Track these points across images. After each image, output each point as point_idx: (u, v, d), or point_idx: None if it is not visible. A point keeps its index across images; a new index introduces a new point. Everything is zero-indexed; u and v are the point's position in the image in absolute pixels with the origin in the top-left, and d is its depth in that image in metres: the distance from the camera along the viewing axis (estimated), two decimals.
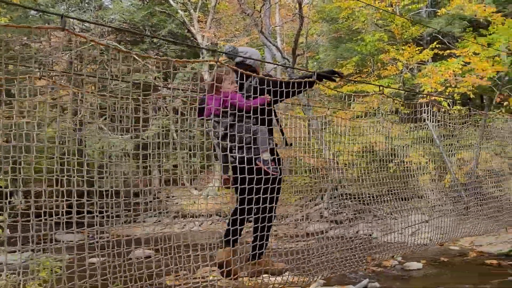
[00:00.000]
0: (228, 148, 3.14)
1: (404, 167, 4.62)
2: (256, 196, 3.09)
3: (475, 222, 5.20)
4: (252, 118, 3.14)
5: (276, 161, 3.26)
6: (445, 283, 8.72)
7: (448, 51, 15.14)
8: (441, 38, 18.00)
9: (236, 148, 3.11)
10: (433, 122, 4.94)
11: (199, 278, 3.29)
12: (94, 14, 18.75)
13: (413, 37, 16.89)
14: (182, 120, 3.29)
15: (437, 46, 15.26)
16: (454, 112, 5.74)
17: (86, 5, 19.28)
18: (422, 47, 16.60)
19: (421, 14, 18.81)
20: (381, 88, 3.91)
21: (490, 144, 6.34)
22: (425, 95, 11.17)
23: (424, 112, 4.69)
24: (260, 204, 3.12)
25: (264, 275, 3.29)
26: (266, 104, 3.22)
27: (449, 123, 5.10)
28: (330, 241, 3.90)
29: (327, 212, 12.47)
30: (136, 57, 3.23)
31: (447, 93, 13.29)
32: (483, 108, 16.47)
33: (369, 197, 4.39)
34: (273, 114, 3.42)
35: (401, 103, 4.05)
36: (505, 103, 14.48)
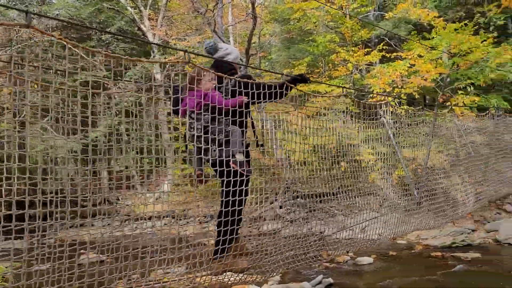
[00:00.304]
0: (203, 148, 3.16)
1: (355, 165, 4.74)
2: (228, 196, 3.14)
3: (425, 217, 5.43)
4: (226, 117, 3.15)
5: (246, 162, 3.30)
6: (394, 276, 9.05)
7: (394, 54, 15.74)
8: (388, 40, 18.71)
9: (211, 148, 3.15)
10: (389, 120, 5.11)
11: (152, 281, 3.21)
12: (38, 9, 17.86)
13: (362, 40, 17.42)
14: (133, 120, 3.19)
15: (384, 47, 15.82)
16: (401, 111, 5.96)
17: None
18: (370, 49, 17.16)
19: (369, 17, 19.44)
20: (343, 89, 3.99)
21: (434, 142, 6.65)
22: (384, 95, 11.55)
23: (382, 112, 4.85)
24: (230, 202, 3.15)
25: (227, 273, 3.30)
26: (243, 106, 3.22)
27: (402, 121, 5.30)
28: (284, 239, 3.92)
29: (281, 211, 12.60)
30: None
31: (394, 94, 13.82)
32: (426, 107, 17.23)
33: (321, 195, 4.46)
34: (248, 115, 3.43)
35: (353, 102, 4.15)
36: (447, 103, 15.25)
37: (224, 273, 3.32)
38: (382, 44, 16.12)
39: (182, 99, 3.16)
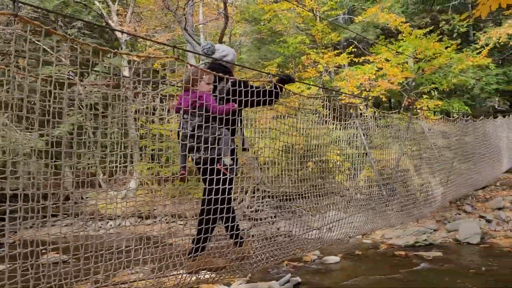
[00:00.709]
0: (194, 148, 3.21)
1: (324, 166, 4.80)
2: (213, 195, 3.16)
3: (391, 216, 5.55)
4: (217, 122, 3.20)
5: (235, 161, 3.36)
6: (360, 275, 9.23)
7: (363, 58, 16.05)
8: (357, 44, 19.05)
9: (202, 148, 3.18)
10: (359, 122, 5.21)
11: (117, 282, 3.13)
12: None
13: (332, 42, 17.65)
14: (100, 117, 3.10)
15: (353, 51, 16.09)
16: (369, 114, 6.07)
17: None
18: (340, 52, 17.42)
19: (339, 20, 19.74)
20: (322, 89, 4.03)
21: (402, 144, 6.83)
22: (356, 97, 11.73)
23: (353, 113, 4.93)
24: (212, 201, 3.17)
25: (203, 271, 3.30)
26: (235, 113, 3.28)
27: (371, 123, 5.40)
28: (252, 238, 3.92)
29: (249, 210, 12.60)
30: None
31: (363, 96, 14.07)
32: (393, 110, 17.65)
33: (289, 195, 4.49)
34: (240, 122, 3.48)
35: (325, 103, 4.19)
36: (412, 107, 15.67)
37: (199, 272, 3.31)
38: (351, 47, 16.40)
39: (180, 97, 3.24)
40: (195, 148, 3.23)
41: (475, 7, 3.83)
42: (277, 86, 3.44)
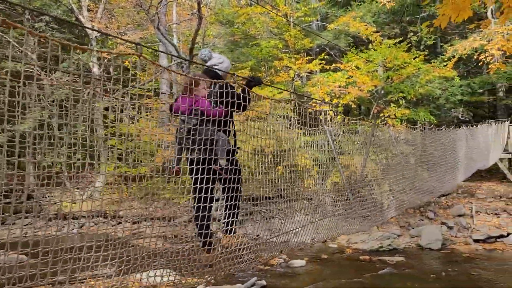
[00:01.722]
0: (189, 147, 3.40)
1: (293, 170, 4.84)
2: (210, 193, 3.42)
3: (356, 221, 5.64)
4: (213, 124, 3.39)
5: (230, 161, 3.55)
6: (325, 278, 9.34)
7: (334, 65, 16.31)
8: (329, 51, 19.35)
9: (201, 149, 3.35)
10: (328, 128, 5.29)
11: (78, 283, 3.06)
12: None
13: (305, 48, 17.85)
14: (65, 114, 3.02)
15: (325, 58, 16.32)
16: (339, 120, 6.17)
17: None
18: (312, 58, 17.64)
19: (312, 27, 20.00)
20: (291, 94, 4.08)
21: (367, 150, 6.97)
22: (325, 104, 11.87)
23: (322, 119, 5.00)
24: (208, 199, 3.42)
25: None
26: (228, 115, 3.48)
27: (340, 130, 5.49)
28: (219, 241, 3.90)
29: (217, 213, 12.52)
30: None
31: (333, 103, 14.29)
32: (362, 117, 18.04)
33: (258, 198, 4.50)
34: (232, 124, 3.68)
35: (293, 108, 4.24)
36: (380, 114, 16.05)
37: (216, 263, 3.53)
38: (324, 54, 16.64)
39: (176, 98, 3.46)
40: (191, 148, 3.40)
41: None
42: (245, 90, 3.57)
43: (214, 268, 3.55)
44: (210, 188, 3.40)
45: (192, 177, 3.44)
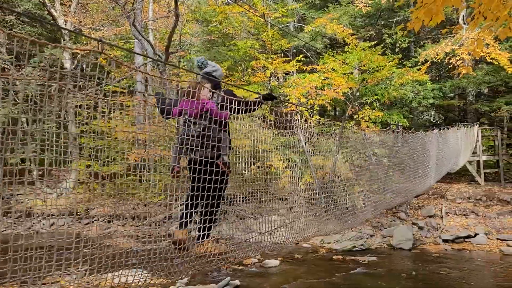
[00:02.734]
0: (198, 148, 3.66)
1: (267, 170, 4.84)
2: (210, 186, 3.66)
3: (330, 223, 5.70)
4: (219, 125, 3.73)
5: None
6: (298, 278, 9.41)
7: (310, 66, 16.43)
8: (305, 52, 19.49)
9: (209, 147, 3.67)
10: (302, 129, 5.31)
11: (48, 283, 2.98)
12: None
13: (282, 49, 17.92)
14: (36, 110, 2.93)
15: (302, 59, 16.42)
16: (314, 121, 6.22)
17: None
18: (289, 59, 17.72)
19: (290, 28, 20.10)
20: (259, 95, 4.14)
21: (342, 151, 7.05)
22: (298, 106, 11.93)
23: (296, 120, 5.02)
24: (211, 192, 3.68)
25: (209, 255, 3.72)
26: (228, 118, 3.83)
27: (313, 131, 5.53)
28: (193, 241, 3.88)
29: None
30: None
31: (309, 104, 14.39)
32: (336, 119, 18.27)
33: (232, 198, 4.49)
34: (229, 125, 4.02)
35: (269, 109, 4.28)
36: (355, 116, 16.26)
37: (206, 254, 3.74)
38: (301, 56, 16.74)
39: (176, 101, 3.71)
40: (199, 147, 3.66)
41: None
42: (259, 102, 3.96)
43: (186, 266, 3.59)
44: (213, 183, 3.67)
45: (194, 176, 3.76)
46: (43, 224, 12.00)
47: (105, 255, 3.07)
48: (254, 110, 3.94)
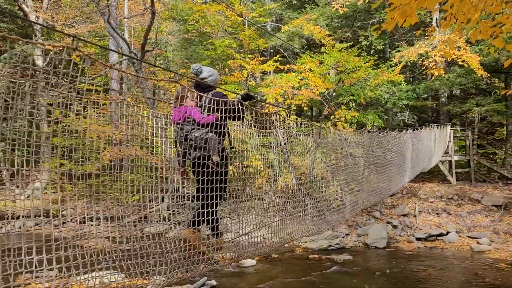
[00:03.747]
0: (187, 149, 3.97)
1: (244, 170, 4.82)
2: (208, 186, 3.89)
3: (309, 224, 5.71)
4: (206, 128, 3.97)
5: (223, 158, 4.12)
6: (275, 277, 9.43)
7: (288, 66, 16.50)
8: (282, 52, 19.56)
9: (192, 149, 3.94)
10: (280, 129, 5.32)
11: (20, 286, 2.88)
12: None
13: (259, 48, 17.92)
14: (5, 107, 2.83)
15: (279, 59, 16.46)
16: (291, 121, 6.23)
17: None
18: (266, 58, 17.73)
19: (267, 28, 20.13)
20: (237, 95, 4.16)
21: (319, 152, 7.09)
22: (276, 106, 11.94)
23: (274, 120, 5.02)
24: (209, 192, 3.90)
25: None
26: (219, 119, 3.99)
27: (291, 131, 5.54)
28: (169, 241, 3.83)
29: (167, 212, 12.31)
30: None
31: (286, 104, 14.44)
32: (313, 119, 18.40)
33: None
34: (225, 126, 4.15)
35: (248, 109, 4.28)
36: (331, 117, 16.42)
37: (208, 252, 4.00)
38: (278, 56, 16.78)
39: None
40: (191, 149, 3.94)
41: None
42: (241, 103, 4.13)
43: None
44: (207, 181, 3.87)
45: (195, 175, 3.99)
46: (13, 225, 11.67)
47: (78, 256, 3.00)
48: (242, 117, 4.15)
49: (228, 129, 4.34)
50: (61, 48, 2.85)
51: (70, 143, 3.30)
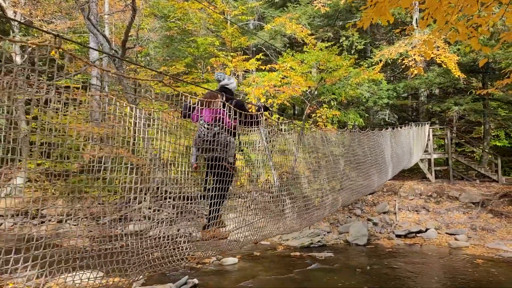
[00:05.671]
0: (210, 149, 4.24)
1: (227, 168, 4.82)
2: (219, 179, 4.24)
3: (290, 221, 5.76)
4: (227, 132, 4.34)
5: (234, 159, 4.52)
6: (256, 275, 9.47)
7: (270, 65, 16.53)
8: (265, 50, 19.59)
9: (218, 149, 4.25)
10: (263, 128, 5.34)
11: None
12: None
13: (241, 46, 17.91)
14: None
15: (262, 58, 16.48)
16: (273, 120, 6.25)
17: None
18: (249, 57, 17.73)
19: (249, 26, 20.13)
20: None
21: (300, 150, 7.13)
22: (256, 106, 11.94)
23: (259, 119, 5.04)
24: (219, 189, 4.26)
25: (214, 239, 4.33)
26: (237, 126, 4.44)
27: (273, 130, 5.56)
28: (151, 240, 3.81)
29: (149, 211, 12.22)
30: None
31: (268, 103, 14.48)
32: (295, 117, 18.49)
33: (191, 197, 4.44)
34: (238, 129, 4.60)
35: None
36: (313, 115, 16.54)
37: (210, 239, 4.32)
38: (261, 54, 16.80)
39: (194, 108, 4.14)
40: (211, 149, 4.24)
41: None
42: (260, 113, 4.58)
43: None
44: (221, 179, 4.25)
45: (207, 171, 4.39)
46: None
47: (56, 256, 2.96)
48: (257, 123, 4.61)
49: (238, 133, 4.77)
50: (44, 46, 2.80)
51: (49, 141, 3.26)
